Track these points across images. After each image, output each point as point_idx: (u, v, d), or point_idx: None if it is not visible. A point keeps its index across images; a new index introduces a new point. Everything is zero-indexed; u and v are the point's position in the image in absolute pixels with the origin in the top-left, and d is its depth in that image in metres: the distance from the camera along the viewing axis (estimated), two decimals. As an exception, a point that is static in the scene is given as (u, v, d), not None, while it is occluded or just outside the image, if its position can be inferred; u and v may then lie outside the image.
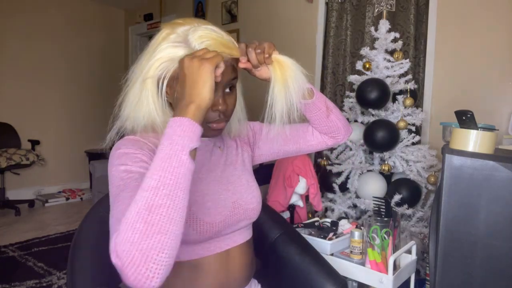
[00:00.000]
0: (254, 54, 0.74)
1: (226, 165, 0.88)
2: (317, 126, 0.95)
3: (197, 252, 0.80)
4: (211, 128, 0.77)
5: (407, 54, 2.50)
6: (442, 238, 0.87)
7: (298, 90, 0.76)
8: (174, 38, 0.72)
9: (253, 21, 3.51)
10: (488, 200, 0.81)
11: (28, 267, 2.36)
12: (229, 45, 0.73)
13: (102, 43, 4.83)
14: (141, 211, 0.55)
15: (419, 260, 1.79)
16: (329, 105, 0.93)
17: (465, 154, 0.85)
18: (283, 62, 0.76)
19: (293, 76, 0.76)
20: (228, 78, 0.74)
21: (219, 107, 0.74)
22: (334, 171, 2.08)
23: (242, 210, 0.84)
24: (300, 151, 0.99)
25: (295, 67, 0.77)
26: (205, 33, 0.71)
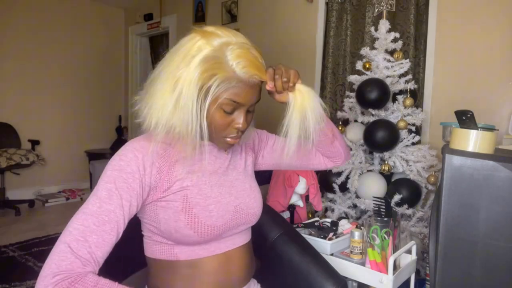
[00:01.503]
0: (280, 82, 0.77)
1: (230, 169, 0.88)
2: (320, 150, 1.01)
3: (196, 253, 0.80)
4: (226, 142, 0.80)
5: (407, 54, 2.50)
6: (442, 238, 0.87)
7: (315, 121, 0.79)
8: (211, 52, 0.71)
9: (253, 21, 3.51)
10: (488, 200, 0.81)
11: (28, 267, 2.36)
12: (261, 68, 0.75)
13: (102, 43, 4.83)
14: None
15: (419, 260, 1.79)
16: (335, 132, 0.98)
17: (465, 154, 0.85)
18: (305, 92, 0.79)
19: (313, 107, 0.79)
20: (254, 101, 0.78)
21: (239, 126, 0.77)
22: (334, 171, 2.08)
23: (244, 215, 0.85)
24: (301, 167, 1.05)
25: (316, 99, 0.80)
26: (243, 52, 0.72)
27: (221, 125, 0.76)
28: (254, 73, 0.73)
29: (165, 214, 0.76)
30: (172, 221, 0.75)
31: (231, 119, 0.77)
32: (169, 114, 0.73)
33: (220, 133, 0.78)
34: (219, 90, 0.71)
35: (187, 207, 0.76)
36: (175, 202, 0.76)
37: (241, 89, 0.73)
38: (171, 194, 0.76)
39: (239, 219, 0.84)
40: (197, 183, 0.79)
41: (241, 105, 0.75)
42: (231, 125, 0.77)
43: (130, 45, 4.99)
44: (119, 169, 0.72)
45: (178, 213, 0.75)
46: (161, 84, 0.74)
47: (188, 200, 0.76)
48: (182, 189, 0.77)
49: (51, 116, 4.33)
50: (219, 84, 0.71)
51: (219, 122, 0.76)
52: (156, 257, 0.81)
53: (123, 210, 0.70)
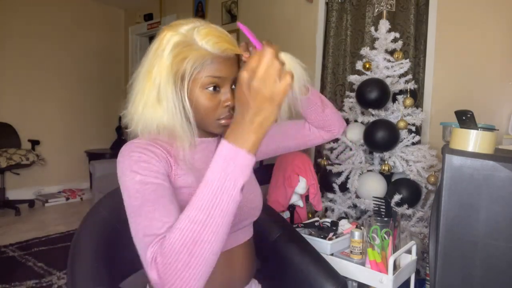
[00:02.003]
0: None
1: None
2: (313, 121, 0.97)
3: None
4: (222, 124, 0.77)
5: (407, 54, 2.50)
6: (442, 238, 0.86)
7: (300, 84, 0.78)
8: (179, 38, 0.72)
9: (253, 21, 3.51)
10: (488, 200, 0.81)
11: (28, 267, 2.36)
12: (233, 42, 0.74)
13: (102, 43, 4.83)
14: (187, 243, 0.56)
15: (419, 260, 1.79)
16: (323, 99, 0.95)
17: (465, 154, 0.85)
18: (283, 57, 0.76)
19: (294, 71, 0.76)
20: (235, 74, 0.76)
21: (229, 103, 0.75)
22: (334, 171, 2.08)
23: (246, 209, 0.85)
24: (299, 146, 1.01)
25: (294, 63, 0.78)
26: (210, 30, 0.72)
27: (210, 107, 0.74)
28: (226, 46, 0.72)
29: None
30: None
31: (218, 99, 0.75)
32: (154, 112, 0.72)
33: (211, 116, 0.76)
34: (196, 71, 0.71)
35: None
36: (179, 201, 0.75)
37: (219, 64, 0.72)
38: (176, 193, 0.75)
39: (242, 215, 0.84)
40: (197, 181, 0.78)
41: (223, 79, 0.74)
42: (220, 105, 0.75)
43: (130, 45, 4.99)
44: (135, 162, 0.69)
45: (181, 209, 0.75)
46: (138, 86, 0.74)
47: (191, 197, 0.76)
48: (186, 187, 0.76)
49: (51, 116, 4.33)
50: (193, 65, 0.70)
51: (206, 104, 0.74)
52: None
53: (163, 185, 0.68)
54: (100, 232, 0.94)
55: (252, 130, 0.58)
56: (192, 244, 0.56)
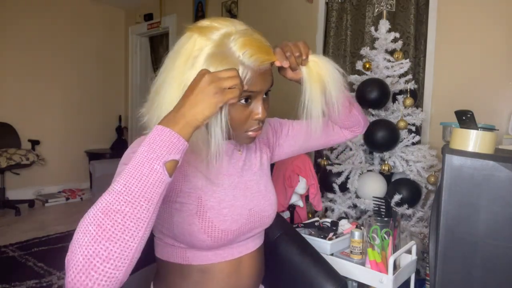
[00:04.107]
0: (294, 58, 0.73)
1: (245, 170, 0.85)
2: (338, 122, 0.94)
3: (209, 258, 0.78)
4: (249, 136, 0.75)
5: (407, 54, 2.50)
6: (442, 238, 0.87)
7: (338, 89, 0.75)
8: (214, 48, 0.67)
9: (253, 21, 3.50)
10: (488, 200, 0.81)
11: (28, 267, 2.36)
12: (269, 51, 0.71)
13: (102, 43, 4.83)
14: (97, 214, 0.52)
15: (419, 260, 1.79)
16: (351, 100, 0.91)
17: (465, 154, 0.85)
18: (320, 61, 0.75)
19: (331, 74, 0.74)
20: (268, 86, 0.73)
21: (260, 116, 0.73)
22: (334, 171, 2.08)
23: (258, 218, 0.82)
24: (321, 146, 1.00)
25: (332, 65, 0.75)
26: (246, 40, 0.68)
27: (240, 119, 0.72)
28: (263, 59, 0.69)
29: (179, 217, 0.73)
30: (186, 225, 0.73)
31: (249, 111, 0.72)
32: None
33: (240, 129, 0.73)
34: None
35: (201, 210, 0.73)
36: (189, 205, 0.73)
37: (254, 78, 0.69)
38: (185, 195, 0.73)
39: (253, 222, 0.81)
40: (210, 185, 0.76)
41: (256, 93, 0.71)
42: (250, 117, 0.73)
43: (130, 45, 4.99)
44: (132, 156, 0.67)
45: (192, 216, 0.73)
46: (167, 92, 0.70)
47: (202, 203, 0.74)
48: (196, 190, 0.74)
49: (51, 116, 4.33)
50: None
51: (237, 117, 0.71)
52: (169, 260, 0.79)
53: None
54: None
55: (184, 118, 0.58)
56: (101, 216, 0.52)
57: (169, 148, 0.56)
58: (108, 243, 0.51)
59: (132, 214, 0.53)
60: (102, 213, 0.52)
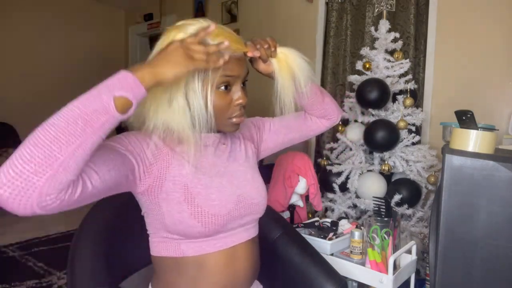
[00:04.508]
0: (263, 49, 0.79)
1: (230, 161, 0.87)
2: (314, 111, 1.00)
3: (203, 248, 0.79)
4: (233, 123, 0.80)
5: (407, 54, 2.50)
6: (442, 238, 0.87)
7: (306, 77, 0.83)
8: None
9: (253, 21, 3.51)
10: (488, 200, 0.81)
11: (28, 267, 2.36)
12: (241, 42, 0.77)
13: (102, 43, 4.83)
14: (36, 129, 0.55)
15: (419, 260, 1.79)
16: (322, 89, 0.99)
17: (465, 154, 0.85)
18: (288, 53, 0.83)
19: (299, 64, 0.82)
20: (244, 73, 0.79)
21: (241, 101, 0.78)
22: (334, 171, 2.08)
23: (247, 204, 0.84)
24: (302, 137, 1.06)
25: (299, 56, 0.83)
26: (219, 31, 0.73)
27: (223, 106, 0.76)
28: (236, 47, 0.74)
29: (168, 206, 0.75)
30: (175, 213, 0.75)
31: (230, 98, 0.77)
32: (164, 116, 0.72)
33: (224, 116, 0.78)
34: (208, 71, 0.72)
35: (189, 197, 0.75)
36: (175, 193, 0.75)
37: (231, 63, 0.74)
38: (170, 184, 0.75)
39: (243, 208, 0.83)
40: (196, 173, 0.78)
41: (235, 78, 0.76)
42: (232, 104, 0.78)
43: (130, 45, 4.99)
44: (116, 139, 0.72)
45: (180, 203, 0.75)
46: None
47: (189, 190, 0.76)
48: (181, 178, 0.76)
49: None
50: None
51: (220, 104, 0.76)
52: (162, 255, 0.80)
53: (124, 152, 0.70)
54: (100, 232, 0.94)
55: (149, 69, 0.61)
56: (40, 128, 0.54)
57: (122, 85, 0.58)
58: (33, 147, 0.52)
59: (65, 128, 0.54)
60: (41, 126, 0.55)
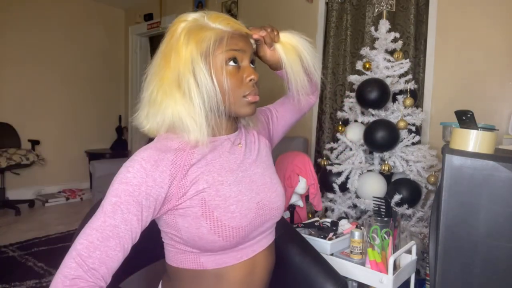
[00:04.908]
0: (267, 33, 0.81)
1: (247, 164, 0.84)
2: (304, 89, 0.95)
3: (224, 261, 0.77)
4: (249, 101, 0.77)
5: (407, 54, 2.50)
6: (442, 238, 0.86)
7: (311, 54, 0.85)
8: (189, 24, 0.75)
9: (253, 21, 3.51)
10: (488, 200, 0.81)
11: (28, 267, 2.36)
12: (242, 24, 0.78)
13: (102, 43, 4.83)
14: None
15: (419, 260, 1.79)
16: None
17: (465, 154, 0.85)
18: (290, 36, 0.85)
19: (303, 44, 0.85)
20: (250, 49, 0.79)
21: (253, 76, 0.76)
22: (334, 171, 2.08)
23: (268, 210, 0.81)
24: (299, 117, 1.09)
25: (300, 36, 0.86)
26: (218, 14, 0.76)
27: (234, 83, 0.74)
28: (237, 26, 0.76)
29: (184, 222, 0.72)
30: (193, 229, 0.71)
31: (241, 75, 0.76)
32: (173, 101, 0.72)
33: (237, 94, 0.75)
34: (216, 47, 0.72)
35: (207, 211, 0.71)
36: (193, 208, 0.71)
37: (236, 39, 0.75)
38: (187, 200, 0.71)
39: (263, 215, 0.80)
40: (213, 184, 0.74)
41: (243, 52, 0.76)
42: (244, 80, 0.76)
43: (130, 45, 4.99)
44: (125, 181, 0.67)
45: (198, 219, 0.71)
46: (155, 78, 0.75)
47: (206, 203, 0.72)
48: (198, 193, 0.72)
49: (51, 116, 4.33)
50: (214, 41, 0.72)
51: (232, 80, 0.74)
52: (180, 266, 0.77)
53: (130, 225, 0.67)
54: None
55: None
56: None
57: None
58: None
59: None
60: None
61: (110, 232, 0.66)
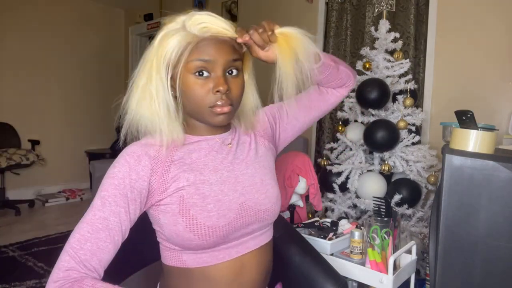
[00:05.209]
0: (257, 34, 0.72)
1: (235, 164, 0.81)
2: (331, 84, 0.92)
3: (205, 260, 0.75)
4: (215, 112, 0.72)
5: (407, 54, 2.50)
6: (442, 238, 0.86)
7: (308, 57, 0.74)
8: (172, 25, 0.72)
9: (253, 21, 3.49)
10: (488, 200, 0.81)
11: (28, 267, 2.36)
12: (226, 27, 0.71)
13: (102, 43, 4.83)
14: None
15: (419, 260, 1.79)
16: (335, 59, 0.90)
17: (465, 154, 0.85)
18: (288, 33, 0.74)
19: (301, 45, 0.73)
20: (227, 58, 0.71)
21: (220, 88, 0.70)
22: (334, 171, 2.08)
23: (252, 212, 0.78)
24: (322, 113, 0.97)
25: (301, 35, 0.74)
26: (202, 16, 0.70)
27: (199, 94, 0.70)
28: (217, 30, 0.69)
29: (165, 218, 0.73)
30: (171, 225, 0.72)
31: (208, 85, 0.71)
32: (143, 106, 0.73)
33: (203, 104, 0.71)
34: (179, 55, 0.69)
35: (183, 209, 0.72)
36: (172, 205, 0.72)
37: (207, 46, 0.69)
38: (167, 197, 0.73)
39: (247, 217, 0.77)
40: (194, 182, 0.74)
41: (213, 63, 0.70)
42: (212, 91, 0.71)
43: (130, 45, 4.99)
44: (112, 176, 0.71)
45: (176, 216, 0.72)
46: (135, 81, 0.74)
47: (184, 201, 0.72)
48: (178, 190, 0.73)
49: (51, 116, 4.33)
50: (177, 49, 0.69)
51: (195, 91, 0.70)
52: (168, 264, 0.79)
53: (119, 217, 0.69)
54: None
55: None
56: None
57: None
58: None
59: None
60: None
61: (100, 225, 0.68)
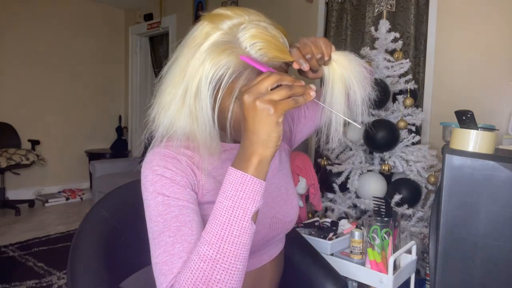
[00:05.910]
0: (315, 61, 0.65)
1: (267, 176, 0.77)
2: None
3: None
4: None
5: (407, 54, 2.50)
6: (442, 238, 0.86)
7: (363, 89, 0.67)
8: (220, 36, 0.61)
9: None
10: (488, 200, 0.81)
11: (28, 267, 2.36)
12: (283, 49, 0.63)
13: (102, 43, 4.83)
14: (198, 284, 0.53)
15: (419, 260, 1.79)
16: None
17: (465, 154, 0.85)
18: (343, 60, 0.67)
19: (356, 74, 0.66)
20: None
21: None
22: (334, 171, 2.08)
23: (281, 225, 0.77)
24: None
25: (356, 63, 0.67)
26: (258, 32, 0.60)
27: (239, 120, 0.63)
28: (273, 55, 0.60)
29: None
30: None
31: None
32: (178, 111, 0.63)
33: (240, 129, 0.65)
34: (232, 79, 0.60)
35: None
36: (205, 216, 0.68)
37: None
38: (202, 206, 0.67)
39: (276, 230, 0.76)
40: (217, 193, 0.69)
41: None
42: None
43: (130, 45, 4.99)
44: (158, 179, 0.63)
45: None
46: (169, 79, 0.65)
47: None
48: (210, 203, 0.68)
49: (51, 116, 4.33)
50: (232, 73, 0.59)
51: (238, 117, 0.62)
52: None
53: (188, 207, 0.62)
54: (100, 232, 0.93)
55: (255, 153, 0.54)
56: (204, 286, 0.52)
57: (253, 198, 0.54)
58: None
59: (231, 279, 0.53)
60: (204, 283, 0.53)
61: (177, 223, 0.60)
